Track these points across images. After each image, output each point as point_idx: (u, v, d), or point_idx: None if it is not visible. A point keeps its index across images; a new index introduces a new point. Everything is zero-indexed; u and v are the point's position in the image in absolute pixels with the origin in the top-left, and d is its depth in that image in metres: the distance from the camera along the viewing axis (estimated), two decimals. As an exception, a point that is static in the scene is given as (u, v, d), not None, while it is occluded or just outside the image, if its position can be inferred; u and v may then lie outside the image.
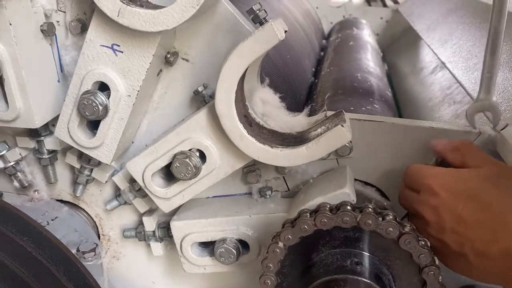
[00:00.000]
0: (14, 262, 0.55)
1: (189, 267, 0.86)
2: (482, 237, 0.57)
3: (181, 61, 0.80)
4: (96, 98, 0.73)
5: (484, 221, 0.57)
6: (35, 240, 0.59)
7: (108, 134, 0.77)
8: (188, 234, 0.82)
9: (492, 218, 0.57)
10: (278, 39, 0.64)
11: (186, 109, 0.83)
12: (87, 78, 0.74)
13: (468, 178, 0.62)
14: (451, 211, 0.60)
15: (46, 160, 0.89)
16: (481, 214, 0.58)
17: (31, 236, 0.59)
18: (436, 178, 0.63)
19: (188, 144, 0.75)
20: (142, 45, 0.71)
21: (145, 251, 0.97)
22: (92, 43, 0.72)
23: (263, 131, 0.75)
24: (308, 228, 0.63)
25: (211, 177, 0.78)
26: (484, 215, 0.58)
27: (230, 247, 0.80)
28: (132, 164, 0.79)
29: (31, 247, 0.57)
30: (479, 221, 0.58)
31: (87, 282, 0.62)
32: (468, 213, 0.59)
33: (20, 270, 0.55)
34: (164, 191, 0.79)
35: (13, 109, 0.77)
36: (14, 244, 0.57)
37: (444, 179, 0.63)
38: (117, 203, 0.90)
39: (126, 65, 0.73)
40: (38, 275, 0.56)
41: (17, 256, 0.56)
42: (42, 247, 0.59)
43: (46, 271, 0.57)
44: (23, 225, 0.60)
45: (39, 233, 0.60)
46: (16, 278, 0.54)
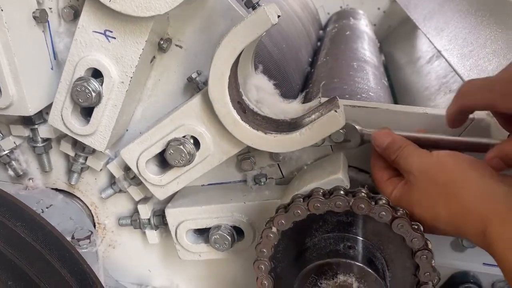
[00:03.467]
0: (7, 247, 0.55)
1: (184, 254, 0.86)
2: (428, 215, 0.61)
3: (175, 47, 0.79)
4: (89, 85, 0.73)
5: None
6: (28, 225, 0.59)
7: (102, 121, 0.77)
8: (183, 221, 0.82)
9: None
10: (271, 23, 0.63)
11: (180, 96, 0.83)
12: (80, 64, 0.74)
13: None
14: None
15: (41, 149, 0.89)
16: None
17: (24, 221, 0.59)
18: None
19: (182, 131, 0.75)
20: (135, 31, 0.71)
21: (141, 239, 0.97)
22: (85, 29, 0.72)
23: (257, 118, 0.75)
24: (301, 212, 0.64)
25: (205, 164, 0.77)
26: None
27: (225, 233, 0.80)
28: (126, 151, 0.79)
29: (24, 232, 0.57)
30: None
31: (81, 268, 0.62)
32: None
33: (13, 255, 0.55)
34: (158, 178, 0.79)
35: (6, 97, 0.77)
36: (7, 229, 0.57)
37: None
38: (112, 191, 0.90)
39: (119, 51, 0.72)
40: (31, 260, 0.56)
41: (10, 241, 0.56)
42: (35, 232, 0.59)
43: (40, 256, 0.58)
44: (16, 210, 0.60)
45: (32, 219, 0.60)
46: (9, 263, 0.54)
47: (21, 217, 0.59)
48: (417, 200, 0.62)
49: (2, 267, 0.53)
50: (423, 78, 1.48)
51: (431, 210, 0.61)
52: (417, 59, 1.68)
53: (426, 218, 0.62)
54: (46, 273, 0.57)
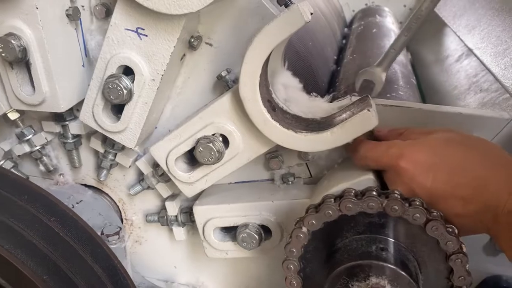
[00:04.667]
0: (42, 242, 0.56)
1: (211, 252, 0.86)
2: (457, 199, 0.60)
3: (205, 45, 0.79)
4: (120, 82, 0.73)
5: (457, 184, 0.60)
6: (62, 220, 0.60)
7: (132, 119, 0.78)
8: (210, 219, 0.83)
9: (465, 179, 0.60)
10: (304, 21, 0.63)
11: (209, 94, 0.83)
12: (112, 62, 0.74)
13: (431, 145, 0.64)
14: (422, 186, 0.62)
15: (71, 145, 0.90)
16: (453, 178, 0.60)
17: (58, 216, 0.60)
18: (403, 156, 0.64)
19: (212, 129, 0.75)
20: (167, 29, 0.71)
21: (168, 236, 0.98)
22: (117, 27, 0.73)
23: (286, 116, 0.75)
24: (332, 213, 0.63)
25: (234, 162, 0.77)
26: (456, 178, 0.60)
27: (253, 232, 0.80)
28: (156, 148, 0.79)
29: (58, 228, 0.58)
30: (452, 186, 0.60)
31: (113, 264, 0.62)
32: (439, 182, 0.61)
33: (48, 249, 0.56)
34: (187, 176, 0.80)
35: (39, 93, 0.79)
36: (42, 224, 0.58)
37: (410, 154, 0.64)
38: (140, 187, 0.91)
39: (151, 49, 0.73)
40: (65, 255, 0.57)
41: (45, 236, 0.57)
42: (69, 227, 0.60)
43: (73, 252, 0.58)
44: (50, 205, 0.61)
45: (66, 214, 0.61)
46: (44, 258, 0.55)
47: (55, 213, 0.60)
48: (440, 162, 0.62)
49: (38, 262, 0.54)
50: (452, 77, 1.45)
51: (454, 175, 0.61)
52: (445, 58, 1.64)
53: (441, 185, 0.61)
54: (80, 268, 0.58)
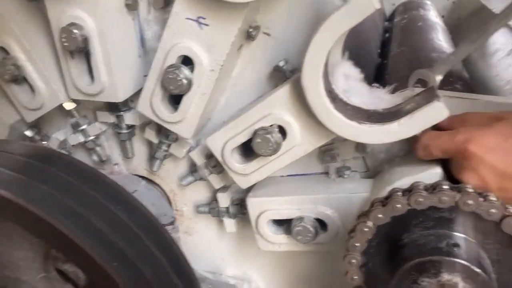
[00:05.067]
0: (110, 229, 0.56)
1: (263, 244, 0.85)
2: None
3: (262, 35, 0.78)
4: (180, 72, 0.73)
5: None
6: (126, 208, 0.60)
7: (190, 109, 0.78)
8: (264, 211, 0.82)
9: None
10: (375, 8, 0.61)
11: (264, 85, 0.82)
12: (172, 52, 0.74)
13: (500, 129, 0.63)
14: (492, 169, 0.61)
15: (125, 135, 0.91)
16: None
17: (122, 204, 0.60)
18: (471, 140, 0.63)
19: (270, 119, 0.74)
20: (228, 18, 0.70)
21: (217, 227, 0.98)
22: (178, 16, 0.72)
23: (347, 107, 0.73)
24: (401, 207, 0.61)
25: (291, 154, 0.76)
26: None
27: (308, 225, 0.78)
28: (212, 139, 0.79)
29: (124, 215, 0.59)
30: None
31: (175, 253, 0.62)
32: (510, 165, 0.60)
33: (116, 236, 0.56)
34: (242, 167, 0.79)
35: (98, 83, 0.79)
36: (109, 211, 0.58)
37: (478, 138, 0.62)
38: (193, 178, 0.91)
39: (211, 39, 0.72)
40: (131, 243, 0.58)
41: (112, 223, 0.57)
42: (133, 215, 0.60)
43: (138, 239, 0.59)
44: (115, 193, 0.61)
45: (130, 202, 0.61)
46: (113, 245, 0.55)
47: (120, 200, 0.60)
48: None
49: (108, 249, 0.54)
50: (503, 72, 1.40)
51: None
52: (494, 52, 1.59)
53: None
54: (145, 256, 0.58)
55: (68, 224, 0.51)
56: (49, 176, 0.57)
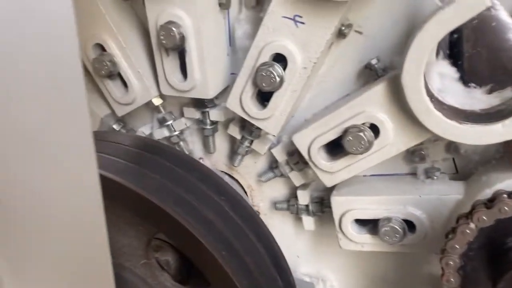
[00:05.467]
0: (217, 219, 0.58)
1: (346, 243, 0.85)
2: None
3: (354, 33, 0.78)
4: (274, 70, 0.74)
5: None
6: (229, 199, 0.62)
7: (279, 106, 0.79)
8: (349, 210, 0.81)
9: None
10: (485, 5, 0.59)
11: (351, 83, 0.82)
12: (266, 49, 0.75)
13: None
14: None
15: (209, 131, 0.93)
16: None
17: (225, 195, 0.62)
18: None
19: (362, 117, 0.74)
20: (325, 16, 0.70)
21: (293, 224, 0.99)
22: (274, 15, 0.73)
23: (443, 107, 0.71)
24: (508, 209, 0.59)
25: (382, 153, 0.76)
26: None
27: (396, 226, 0.77)
28: (299, 136, 0.80)
29: (227, 206, 0.60)
30: None
31: (273, 246, 0.64)
32: None
33: (222, 226, 0.58)
34: (329, 165, 0.79)
35: (191, 80, 0.82)
36: (214, 201, 0.60)
37: None
38: (273, 174, 0.92)
39: (306, 37, 0.73)
40: (235, 233, 0.59)
41: (218, 213, 0.59)
42: (235, 206, 0.62)
43: (241, 230, 0.60)
44: (218, 184, 0.63)
45: (231, 194, 0.63)
46: (220, 234, 0.57)
47: (223, 192, 0.62)
48: None
49: (216, 238, 0.56)
50: None
51: None
52: None
53: None
54: (247, 246, 0.59)
55: (181, 213, 0.53)
56: (159, 166, 0.60)
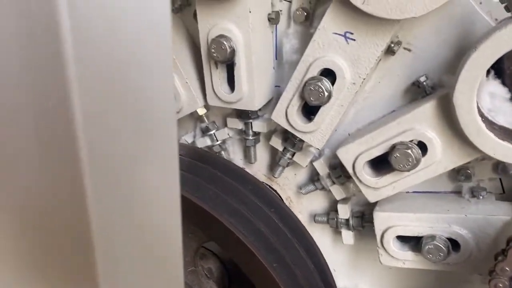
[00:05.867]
0: (267, 231, 0.59)
1: (386, 259, 0.85)
2: None
3: (402, 50, 0.78)
4: (322, 84, 0.75)
5: None
6: (278, 212, 0.63)
7: (325, 120, 0.80)
8: (392, 226, 0.81)
9: None
10: (546, 28, 0.59)
11: (398, 100, 0.82)
12: (315, 64, 0.77)
13: None
14: None
15: (251, 141, 0.95)
16: None
17: (275, 208, 0.63)
18: None
19: (410, 135, 0.74)
20: (377, 33, 0.71)
21: (331, 238, 0.99)
22: (325, 31, 0.75)
23: (494, 127, 0.71)
24: None
25: (428, 171, 0.75)
26: None
27: (441, 244, 0.77)
28: (344, 151, 0.80)
29: (277, 219, 0.61)
30: None
31: (320, 259, 0.64)
32: None
33: (273, 238, 0.59)
34: (374, 181, 0.79)
35: (238, 92, 0.84)
36: (265, 214, 0.61)
37: None
38: (314, 187, 0.93)
39: (356, 53, 0.74)
40: (285, 246, 0.60)
41: (268, 225, 0.60)
42: (285, 220, 0.63)
43: (291, 243, 0.61)
44: (268, 197, 0.64)
45: (280, 207, 0.64)
46: (271, 246, 0.58)
47: (272, 204, 0.63)
48: None
49: (267, 249, 0.57)
50: None
51: None
52: None
53: None
54: (297, 260, 0.60)
55: (235, 223, 0.55)
56: (212, 176, 0.61)
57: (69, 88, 0.23)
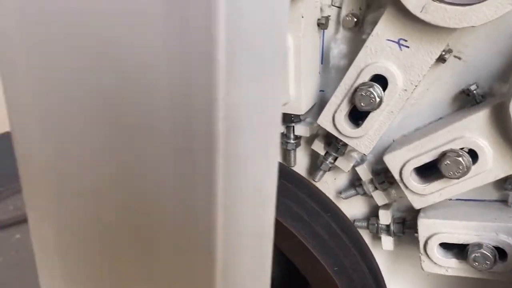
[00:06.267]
0: (326, 235, 0.60)
1: (429, 266, 0.85)
2: None
3: (453, 58, 0.79)
4: (374, 90, 0.76)
5: None
6: (334, 217, 0.63)
7: (374, 126, 0.80)
8: (436, 233, 0.81)
9: None
10: None
11: (445, 108, 0.82)
12: (366, 70, 0.77)
13: None
14: None
15: (292, 145, 0.95)
16: None
17: (331, 212, 0.64)
18: None
19: (461, 142, 0.74)
20: (432, 41, 0.72)
21: (369, 243, 0.99)
22: (378, 37, 0.75)
23: (548, 137, 0.71)
24: None
25: (478, 179, 0.76)
26: None
27: (488, 253, 0.77)
28: (392, 157, 0.81)
29: (334, 223, 0.62)
30: None
31: (374, 266, 0.65)
32: None
33: (331, 242, 0.59)
34: (422, 187, 0.80)
35: (285, 96, 0.85)
36: (323, 218, 0.62)
37: None
38: (354, 192, 0.93)
39: (409, 60, 0.74)
40: (343, 250, 0.61)
41: (327, 230, 0.61)
42: (341, 224, 0.63)
43: (347, 248, 0.62)
44: (323, 201, 0.65)
45: (336, 211, 0.65)
46: (331, 250, 0.59)
47: (328, 209, 0.64)
48: None
49: (328, 253, 0.58)
50: None
51: None
52: None
53: None
54: (354, 265, 0.61)
55: (298, 228, 0.55)
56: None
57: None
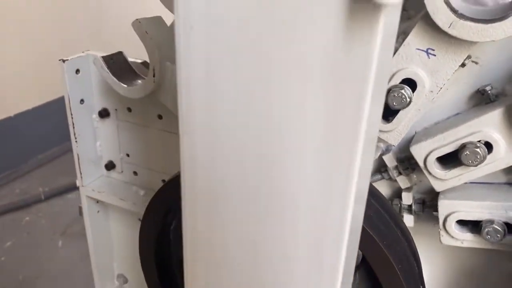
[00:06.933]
0: (374, 214, 0.73)
1: (447, 239, 0.99)
2: None
3: (470, 63, 0.92)
4: (405, 92, 0.89)
5: None
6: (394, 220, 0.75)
7: (403, 122, 0.93)
8: (454, 211, 0.96)
9: None
10: None
11: (462, 105, 0.96)
12: (398, 74, 0.90)
13: None
14: None
15: (326, 137, 1.08)
16: None
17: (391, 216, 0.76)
18: None
19: (478, 136, 0.88)
20: (456, 51, 0.84)
21: (391, 221, 1.14)
22: (409, 46, 0.88)
23: (552, 131, 0.85)
24: None
25: (491, 166, 0.90)
26: None
27: (499, 227, 0.91)
28: (418, 147, 0.94)
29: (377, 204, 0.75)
30: None
31: (410, 239, 0.78)
32: None
33: (378, 220, 0.72)
34: (443, 173, 0.94)
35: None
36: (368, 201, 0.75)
37: None
38: (380, 177, 1.07)
39: (436, 67, 0.87)
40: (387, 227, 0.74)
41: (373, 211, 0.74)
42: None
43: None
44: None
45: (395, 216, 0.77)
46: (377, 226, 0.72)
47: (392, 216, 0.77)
48: None
49: (377, 230, 0.71)
50: None
51: None
52: None
53: None
54: (397, 239, 0.74)
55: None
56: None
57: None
